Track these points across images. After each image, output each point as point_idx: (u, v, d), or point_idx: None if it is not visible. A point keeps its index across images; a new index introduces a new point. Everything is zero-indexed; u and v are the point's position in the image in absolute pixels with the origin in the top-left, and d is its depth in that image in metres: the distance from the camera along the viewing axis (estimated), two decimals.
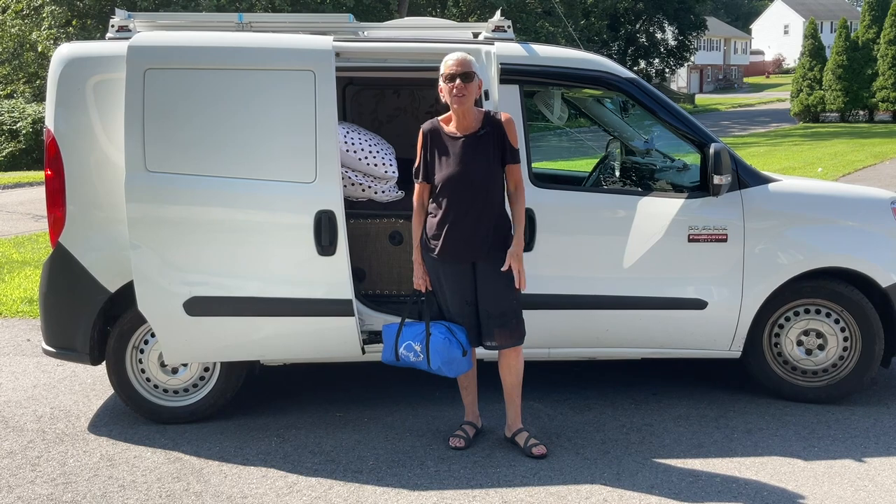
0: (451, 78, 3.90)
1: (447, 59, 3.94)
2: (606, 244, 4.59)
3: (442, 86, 3.95)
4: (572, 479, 3.86)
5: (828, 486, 3.78)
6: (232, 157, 4.19)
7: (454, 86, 3.88)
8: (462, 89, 3.88)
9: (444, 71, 3.93)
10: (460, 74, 3.88)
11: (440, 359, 4.02)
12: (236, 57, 4.23)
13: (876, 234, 4.72)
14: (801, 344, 4.74)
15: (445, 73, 3.92)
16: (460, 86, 3.87)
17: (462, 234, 3.97)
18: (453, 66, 3.91)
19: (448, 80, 3.91)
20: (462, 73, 3.88)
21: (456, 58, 3.93)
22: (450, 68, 3.91)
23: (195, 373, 4.63)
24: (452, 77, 3.89)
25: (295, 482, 3.91)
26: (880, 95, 33.03)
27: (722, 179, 4.40)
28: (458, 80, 3.88)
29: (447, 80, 3.91)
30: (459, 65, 3.90)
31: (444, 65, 3.94)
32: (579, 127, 18.47)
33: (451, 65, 3.91)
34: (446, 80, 3.92)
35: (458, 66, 3.90)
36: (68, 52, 4.48)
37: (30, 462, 4.17)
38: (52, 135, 4.43)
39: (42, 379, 5.41)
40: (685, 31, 51.82)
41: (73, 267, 4.47)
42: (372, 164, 4.70)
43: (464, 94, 3.89)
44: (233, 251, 4.25)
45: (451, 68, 3.91)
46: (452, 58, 3.94)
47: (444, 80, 3.93)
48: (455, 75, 3.89)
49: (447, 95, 3.93)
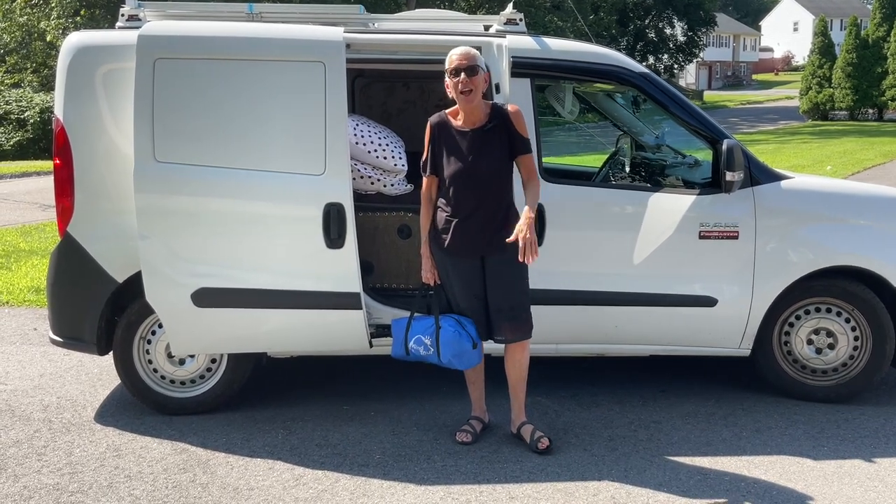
0: (456, 72, 3.86)
1: (451, 54, 3.90)
2: (616, 240, 4.56)
3: (448, 81, 3.91)
4: (580, 476, 3.84)
5: (837, 485, 3.76)
6: (241, 148, 4.17)
7: (459, 80, 3.84)
8: (467, 83, 3.84)
9: (449, 65, 3.89)
10: (465, 68, 3.84)
11: (451, 352, 4.01)
12: (246, 47, 4.20)
13: (888, 233, 4.69)
14: (812, 343, 4.71)
15: (450, 67, 3.88)
16: (465, 80, 3.83)
17: (471, 229, 3.95)
18: (457, 59, 3.87)
19: (453, 74, 3.87)
20: (467, 66, 3.84)
21: (460, 52, 3.89)
22: (454, 62, 3.87)
23: (202, 364, 4.62)
24: (457, 71, 3.85)
25: (301, 475, 3.90)
26: (890, 94, 32.89)
27: (734, 176, 4.37)
28: (463, 75, 3.83)
29: (452, 74, 3.87)
30: (464, 58, 3.86)
31: (449, 59, 3.90)
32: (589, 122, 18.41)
33: (455, 59, 3.87)
34: (451, 75, 3.88)
35: (462, 60, 3.86)
36: (78, 41, 4.46)
37: (36, 451, 4.17)
38: (61, 124, 4.41)
39: (49, 368, 5.41)
40: (694, 27, 51.63)
41: (81, 257, 4.46)
42: (381, 157, 4.67)
43: (469, 88, 3.85)
44: (241, 243, 4.23)
45: (454, 62, 3.87)
46: (456, 52, 3.90)
47: (449, 74, 3.89)
48: (459, 69, 3.85)
49: (453, 91, 3.90)
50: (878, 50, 33.22)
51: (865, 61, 33.34)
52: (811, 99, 35.23)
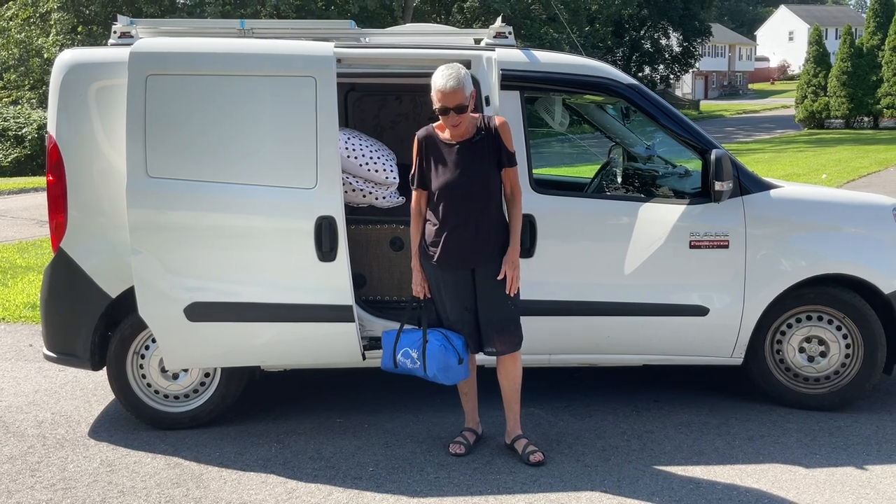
0: (444, 111, 3.83)
1: (437, 85, 3.81)
2: (608, 250, 4.58)
3: (434, 99, 3.86)
4: (572, 486, 3.85)
5: (829, 493, 3.76)
6: (233, 162, 4.19)
7: (449, 118, 3.84)
8: (456, 119, 3.85)
9: (436, 100, 3.83)
10: (454, 108, 3.82)
11: (436, 366, 4.01)
12: (238, 63, 4.23)
13: (878, 241, 4.71)
14: (804, 351, 4.72)
15: (437, 105, 3.83)
16: (454, 118, 3.85)
17: (461, 241, 3.97)
18: (444, 99, 3.79)
19: (441, 112, 3.85)
20: (455, 106, 3.81)
21: (445, 87, 3.78)
22: (439, 101, 3.81)
23: (196, 378, 4.62)
24: (445, 111, 3.83)
25: (294, 488, 3.90)
26: (885, 102, 32.99)
27: (723, 185, 4.39)
28: (452, 114, 3.84)
29: (440, 112, 3.86)
30: (451, 98, 3.78)
31: (435, 91, 3.82)
32: (581, 133, 18.48)
33: (442, 97, 3.80)
34: (439, 112, 3.86)
35: (449, 100, 3.79)
36: (70, 58, 4.49)
37: (30, 467, 4.17)
38: (53, 140, 4.44)
39: (43, 384, 5.42)
40: (690, 37, 51.79)
41: (74, 272, 4.47)
42: (373, 170, 4.70)
43: (459, 122, 3.87)
44: (234, 257, 4.25)
45: (440, 102, 3.81)
46: (440, 84, 3.79)
47: (436, 109, 3.86)
48: (448, 109, 3.82)
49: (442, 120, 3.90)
50: (873, 58, 33.34)
51: (860, 70, 33.46)
52: (807, 108, 35.33)
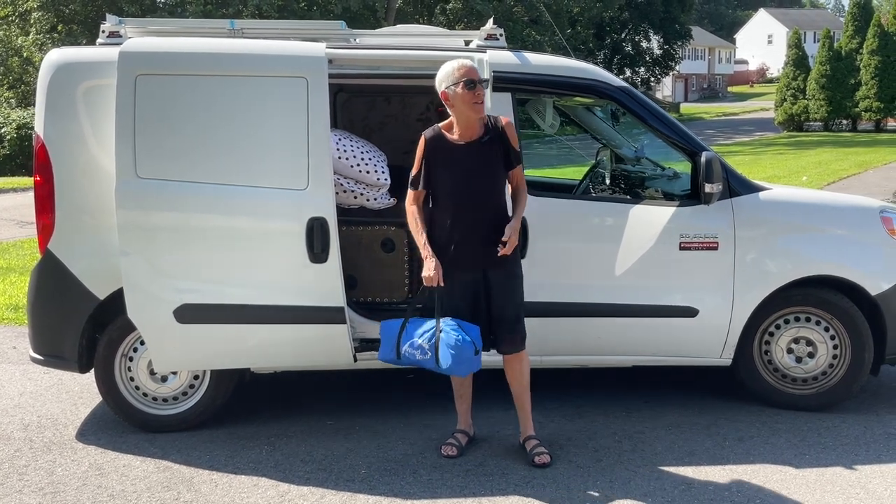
0: (472, 83, 3.83)
1: (460, 67, 3.85)
2: (597, 252, 4.60)
3: (455, 93, 3.84)
4: (565, 488, 3.85)
5: (819, 493, 3.79)
6: (223, 163, 4.17)
7: (477, 92, 3.84)
8: (483, 95, 3.88)
9: (463, 77, 3.83)
10: (482, 80, 3.88)
11: (451, 357, 3.84)
12: (228, 63, 4.21)
13: (865, 243, 4.76)
14: (792, 352, 4.76)
15: (466, 79, 3.82)
16: (481, 92, 3.86)
17: (472, 242, 3.94)
18: (472, 71, 3.87)
19: (468, 85, 3.82)
20: (480, 78, 3.88)
21: (468, 64, 3.89)
22: (467, 73, 3.84)
23: (185, 381, 4.59)
24: (473, 83, 3.83)
25: (286, 491, 3.88)
26: (863, 105, 33.38)
27: (713, 188, 4.42)
28: (479, 86, 3.86)
29: (468, 86, 3.82)
30: (476, 71, 3.89)
31: (458, 72, 3.84)
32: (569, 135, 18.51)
33: (469, 70, 3.86)
34: (467, 87, 3.82)
35: (475, 73, 3.88)
36: (59, 58, 4.44)
37: (17, 471, 4.12)
38: (41, 140, 4.39)
39: (28, 387, 5.35)
40: (670, 40, 52.19)
41: (61, 274, 4.42)
42: (364, 172, 4.68)
43: (483, 100, 3.89)
44: (224, 258, 4.22)
45: (469, 73, 3.84)
46: (466, 65, 3.88)
47: (463, 87, 3.82)
48: (475, 80, 3.84)
49: (463, 104, 3.85)
50: (851, 62, 33.73)
51: (839, 73, 33.83)
52: (786, 110, 35.68)
